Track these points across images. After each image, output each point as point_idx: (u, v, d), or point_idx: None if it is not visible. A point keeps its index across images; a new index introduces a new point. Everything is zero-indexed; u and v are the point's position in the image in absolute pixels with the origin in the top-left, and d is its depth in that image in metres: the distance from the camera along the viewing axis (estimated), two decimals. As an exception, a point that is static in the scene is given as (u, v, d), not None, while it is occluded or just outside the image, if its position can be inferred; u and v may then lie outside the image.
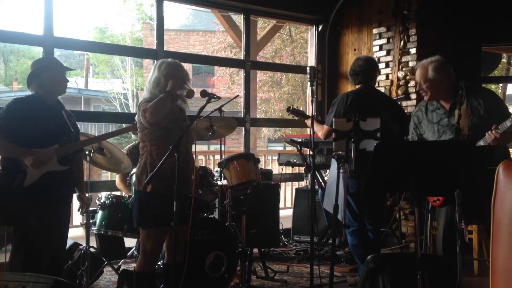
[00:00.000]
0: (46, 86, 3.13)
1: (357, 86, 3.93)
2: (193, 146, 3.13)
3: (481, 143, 3.01)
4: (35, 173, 3.01)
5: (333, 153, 3.52)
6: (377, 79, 5.58)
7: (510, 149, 3.61)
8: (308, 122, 4.04)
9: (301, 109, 4.44)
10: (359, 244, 3.75)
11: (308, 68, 3.66)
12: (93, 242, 3.82)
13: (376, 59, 5.62)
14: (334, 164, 3.38)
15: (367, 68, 3.90)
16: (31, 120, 3.03)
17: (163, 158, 2.72)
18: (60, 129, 3.16)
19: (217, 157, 6.64)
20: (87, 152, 3.47)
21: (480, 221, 3.96)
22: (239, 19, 8.53)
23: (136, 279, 3.06)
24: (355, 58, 4.11)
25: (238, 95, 4.86)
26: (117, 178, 4.41)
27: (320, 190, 4.92)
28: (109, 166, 3.81)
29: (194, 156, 3.13)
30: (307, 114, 4.35)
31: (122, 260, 4.18)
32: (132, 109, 20.32)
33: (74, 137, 3.25)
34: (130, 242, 4.25)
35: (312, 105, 4.11)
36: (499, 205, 1.83)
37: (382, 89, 5.49)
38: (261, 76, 14.51)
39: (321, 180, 5.02)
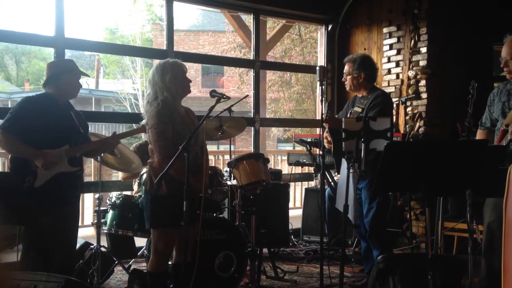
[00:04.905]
0: (62, 88, 3.18)
1: (372, 84, 3.93)
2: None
3: (503, 142, 2.85)
4: (45, 175, 3.02)
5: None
6: (388, 79, 5.58)
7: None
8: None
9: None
10: None
11: (317, 68, 3.64)
12: (103, 242, 3.84)
13: (387, 58, 5.60)
14: (344, 164, 3.36)
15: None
16: (41, 119, 3.05)
17: (172, 159, 2.73)
18: (69, 130, 3.18)
19: (227, 157, 6.64)
20: (97, 152, 3.48)
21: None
22: (248, 19, 8.50)
23: (149, 279, 3.07)
24: (364, 55, 4.07)
25: (247, 95, 4.85)
26: (120, 173, 4.43)
27: (328, 190, 4.90)
28: (119, 166, 3.82)
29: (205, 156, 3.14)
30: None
31: (133, 260, 4.20)
32: (143, 110, 20.37)
33: (83, 138, 3.27)
34: (140, 242, 4.27)
35: (321, 105, 4.09)
36: (511, 205, 1.81)
37: (392, 89, 5.47)
38: (270, 76, 14.50)
39: (330, 180, 5.00)
